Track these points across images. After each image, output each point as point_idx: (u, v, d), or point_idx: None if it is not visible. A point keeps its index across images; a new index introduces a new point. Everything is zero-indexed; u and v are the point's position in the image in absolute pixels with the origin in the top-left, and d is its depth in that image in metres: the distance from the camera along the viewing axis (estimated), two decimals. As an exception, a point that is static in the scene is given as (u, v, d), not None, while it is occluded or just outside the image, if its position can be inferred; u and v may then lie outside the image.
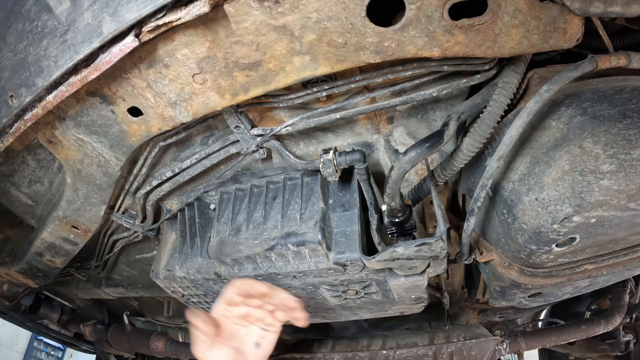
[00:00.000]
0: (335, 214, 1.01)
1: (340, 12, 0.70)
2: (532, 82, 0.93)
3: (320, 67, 0.79)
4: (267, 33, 0.73)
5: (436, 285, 1.71)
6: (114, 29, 0.67)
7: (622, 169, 0.75)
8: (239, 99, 0.85)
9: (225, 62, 0.78)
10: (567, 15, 0.72)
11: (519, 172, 0.88)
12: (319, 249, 0.94)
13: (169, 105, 0.86)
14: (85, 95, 0.84)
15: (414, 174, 1.13)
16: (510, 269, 1.03)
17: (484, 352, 1.73)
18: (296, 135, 1.07)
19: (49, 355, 6.64)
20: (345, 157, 0.93)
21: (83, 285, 1.75)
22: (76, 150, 0.98)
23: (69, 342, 2.10)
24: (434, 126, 1.03)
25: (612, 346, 2.02)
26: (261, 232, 0.99)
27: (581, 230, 0.84)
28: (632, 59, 0.82)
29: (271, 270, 1.00)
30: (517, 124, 0.79)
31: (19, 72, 0.77)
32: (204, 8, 0.65)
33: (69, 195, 1.11)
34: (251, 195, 1.06)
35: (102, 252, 1.45)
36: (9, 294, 1.52)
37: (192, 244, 1.13)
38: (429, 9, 0.69)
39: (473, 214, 0.92)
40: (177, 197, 1.22)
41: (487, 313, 2.09)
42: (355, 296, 1.12)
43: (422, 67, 0.86)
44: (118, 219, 1.22)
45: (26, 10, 0.74)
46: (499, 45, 0.75)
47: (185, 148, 1.10)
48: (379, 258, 0.89)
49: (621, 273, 1.07)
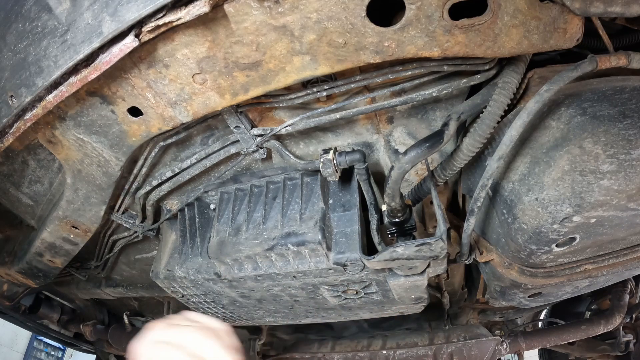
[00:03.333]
0: (335, 214, 1.01)
1: (340, 12, 0.70)
2: (532, 82, 0.93)
3: (320, 67, 0.79)
4: (267, 33, 0.73)
5: (436, 285, 1.71)
6: (114, 29, 0.67)
7: (622, 169, 0.75)
8: (239, 99, 0.85)
9: (225, 62, 0.78)
10: (567, 15, 0.72)
11: (519, 172, 0.88)
12: (319, 249, 0.93)
13: (169, 105, 0.86)
14: (85, 95, 0.84)
15: (414, 174, 1.13)
16: (510, 269, 1.03)
17: (484, 352, 1.73)
18: (296, 135, 1.07)
19: (49, 355, 6.64)
20: (345, 157, 0.93)
21: (83, 285, 1.75)
22: (76, 150, 0.98)
23: (69, 342, 2.10)
24: (434, 126, 1.03)
25: (612, 346, 2.02)
26: (261, 232, 0.99)
27: (581, 230, 0.84)
28: (632, 59, 0.82)
29: (271, 270, 1.00)
30: (517, 124, 0.79)
31: (19, 72, 0.77)
32: (204, 8, 0.65)
33: (69, 195, 1.11)
34: (251, 195, 1.06)
35: (102, 252, 1.45)
36: (9, 294, 1.52)
37: (192, 244, 1.13)
38: (429, 9, 0.69)
39: (473, 214, 0.92)
40: (177, 197, 1.22)
41: (487, 313, 2.09)
42: (355, 296, 1.12)
43: (422, 67, 0.86)
44: (118, 219, 1.22)
45: (26, 10, 0.74)
46: (499, 45, 0.75)
47: (185, 148, 1.10)
48: (379, 258, 0.89)
49: (621, 273, 1.07)
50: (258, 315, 1.34)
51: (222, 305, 1.25)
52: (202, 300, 1.23)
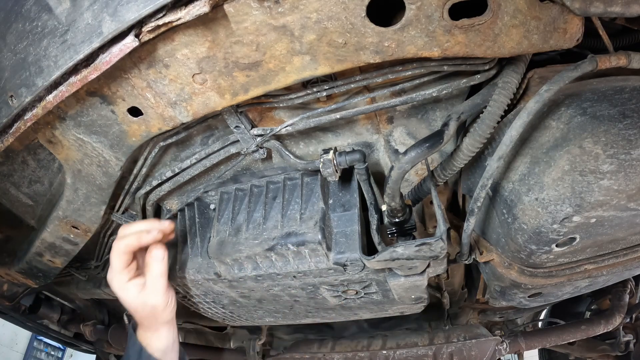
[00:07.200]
0: (335, 214, 1.01)
1: (340, 12, 0.70)
2: (532, 82, 0.93)
3: (320, 67, 0.79)
4: (267, 33, 0.73)
5: (436, 285, 1.71)
6: (114, 29, 0.67)
7: (622, 169, 0.75)
8: (239, 99, 0.85)
9: (225, 62, 0.78)
10: (567, 15, 0.72)
11: (519, 172, 0.88)
12: (319, 249, 0.94)
13: (169, 105, 0.86)
14: (85, 95, 0.84)
15: (414, 174, 1.13)
16: (510, 269, 1.03)
17: (484, 352, 1.73)
18: (296, 135, 1.07)
19: (49, 355, 6.64)
20: (345, 157, 0.93)
21: (83, 285, 1.74)
22: (76, 151, 0.98)
23: (69, 342, 2.10)
24: (434, 126, 1.03)
25: (612, 346, 2.02)
26: (261, 232, 0.99)
27: (581, 230, 0.84)
28: (632, 59, 0.82)
29: (271, 270, 1.00)
30: (517, 124, 0.79)
31: (19, 72, 0.77)
32: (204, 8, 0.65)
33: (69, 195, 1.11)
34: (251, 195, 1.06)
35: (102, 252, 1.45)
36: (9, 294, 1.52)
37: (192, 244, 1.13)
38: (429, 9, 0.69)
39: (473, 214, 0.92)
40: (177, 197, 1.22)
41: (487, 313, 2.09)
42: (355, 296, 1.12)
43: (422, 67, 0.86)
44: (118, 219, 1.22)
45: (26, 10, 0.74)
46: (499, 45, 0.75)
47: (185, 148, 1.10)
48: (379, 258, 0.89)
49: (621, 273, 1.07)
50: (258, 315, 1.34)
51: (222, 305, 1.25)
52: (202, 300, 1.23)
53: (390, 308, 1.24)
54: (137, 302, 0.97)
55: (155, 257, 0.97)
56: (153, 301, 0.97)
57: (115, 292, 0.98)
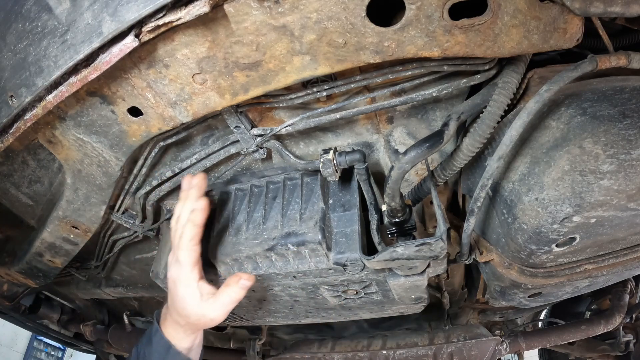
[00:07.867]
0: (335, 214, 1.01)
1: (340, 12, 0.70)
2: (532, 82, 0.93)
3: (320, 67, 0.79)
4: (267, 33, 0.73)
5: (436, 285, 1.71)
6: (114, 29, 0.67)
7: (622, 169, 0.75)
8: (239, 99, 0.85)
9: (225, 62, 0.78)
10: (567, 15, 0.73)
11: (519, 172, 0.88)
12: (319, 249, 0.94)
13: (169, 105, 0.86)
14: (85, 95, 0.84)
15: (414, 174, 1.13)
16: (510, 269, 1.03)
17: (484, 352, 1.73)
18: (296, 135, 1.07)
19: (49, 355, 6.64)
20: (345, 157, 0.93)
21: (83, 285, 1.75)
22: (76, 151, 0.98)
23: (69, 342, 2.10)
24: (434, 126, 1.03)
25: (612, 346, 2.02)
26: (261, 232, 0.99)
27: (581, 230, 0.84)
28: (632, 59, 0.82)
29: (271, 270, 1.00)
30: (517, 124, 0.79)
31: (19, 72, 0.77)
32: (204, 8, 0.65)
33: (69, 195, 1.11)
34: (251, 195, 1.06)
35: (102, 252, 1.45)
36: (9, 294, 1.52)
37: (192, 244, 1.13)
38: (429, 9, 0.69)
39: (473, 214, 0.92)
40: (177, 197, 1.22)
41: (487, 313, 2.10)
42: (355, 296, 1.12)
43: (422, 67, 0.86)
44: (118, 219, 1.22)
45: (26, 10, 0.74)
46: (499, 45, 0.75)
47: (185, 148, 1.10)
48: (379, 258, 0.89)
49: (621, 273, 1.07)
50: (258, 315, 1.34)
51: (222, 305, 1.25)
52: (202, 300, 1.23)
53: (390, 308, 1.24)
54: (196, 308, 0.91)
55: (242, 286, 0.92)
56: (213, 316, 0.93)
57: (174, 285, 0.91)
